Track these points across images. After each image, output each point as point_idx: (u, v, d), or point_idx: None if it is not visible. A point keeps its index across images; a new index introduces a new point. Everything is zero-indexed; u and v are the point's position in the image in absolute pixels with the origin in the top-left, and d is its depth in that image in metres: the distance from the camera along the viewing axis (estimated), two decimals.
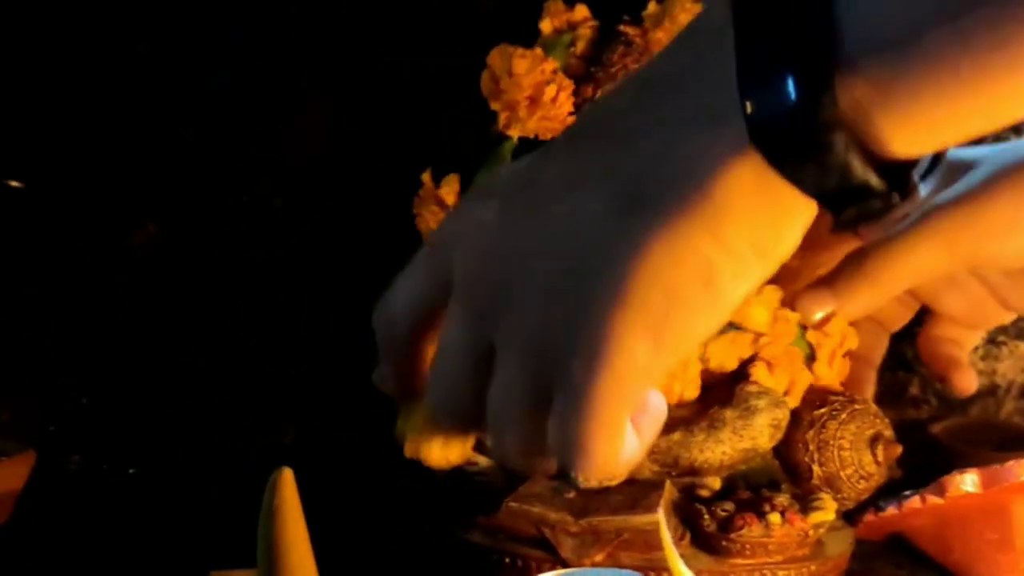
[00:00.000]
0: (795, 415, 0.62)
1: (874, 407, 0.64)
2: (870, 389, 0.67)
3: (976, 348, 0.78)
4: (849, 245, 0.62)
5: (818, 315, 0.62)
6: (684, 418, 0.61)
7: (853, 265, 0.61)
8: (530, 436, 0.41)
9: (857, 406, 0.63)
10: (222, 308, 0.82)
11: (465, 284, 0.41)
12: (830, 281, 0.62)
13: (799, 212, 0.37)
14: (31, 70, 0.83)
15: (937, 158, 0.36)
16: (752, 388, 0.60)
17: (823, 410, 0.63)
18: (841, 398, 0.63)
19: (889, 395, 0.78)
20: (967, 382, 0.65)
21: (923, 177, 0.36)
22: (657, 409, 0.41)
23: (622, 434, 0.39)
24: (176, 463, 0.78)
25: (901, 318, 0.67)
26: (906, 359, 0.78)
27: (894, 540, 0.67)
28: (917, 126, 0.33)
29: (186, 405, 0.81)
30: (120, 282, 0.83)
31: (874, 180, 0.34)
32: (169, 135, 0.83)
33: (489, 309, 0.40)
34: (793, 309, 0.61)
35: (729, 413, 0.60)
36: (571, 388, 0.38)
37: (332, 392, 0.58)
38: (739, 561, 0.57)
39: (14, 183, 0.84)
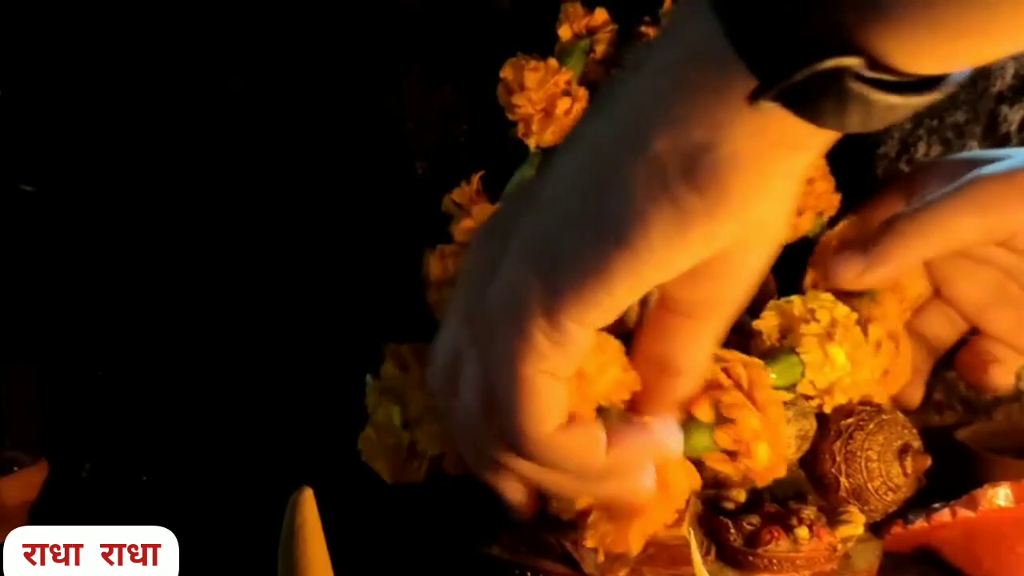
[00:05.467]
0: (822, 425, 0.61)
1: (902, 417, 0.63)
2: (918, 395, 0.65)
3: None
4: None
5: (848, 277, 0.59)
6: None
7: (886, 226, 0.59)
8: (481, 432, 0.47)
9: (885, 416, 0.62)
10: (240, 315, 0.81)
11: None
12: (862, 245, 0.59)
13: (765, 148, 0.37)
14: (40, 73, 0.83)
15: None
16: None
17: (850, 420, 0.61)
18: (868, 408, 0.62)
19: None
20: (1004, 378, 0.63)
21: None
22: None
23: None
24: (191, 470, 0.77)
25: (947, 337, 0.65)
26: None
27: (922, 552, 0.66)
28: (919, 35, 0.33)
29: (202, 412, 0.80)
30: (131, 287, 0.83)
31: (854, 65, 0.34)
32: (183, 137, 0.82)
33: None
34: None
35: None
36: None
37: (351, 405, 0.57)
38: None
39: (26, 187, 0.84)
